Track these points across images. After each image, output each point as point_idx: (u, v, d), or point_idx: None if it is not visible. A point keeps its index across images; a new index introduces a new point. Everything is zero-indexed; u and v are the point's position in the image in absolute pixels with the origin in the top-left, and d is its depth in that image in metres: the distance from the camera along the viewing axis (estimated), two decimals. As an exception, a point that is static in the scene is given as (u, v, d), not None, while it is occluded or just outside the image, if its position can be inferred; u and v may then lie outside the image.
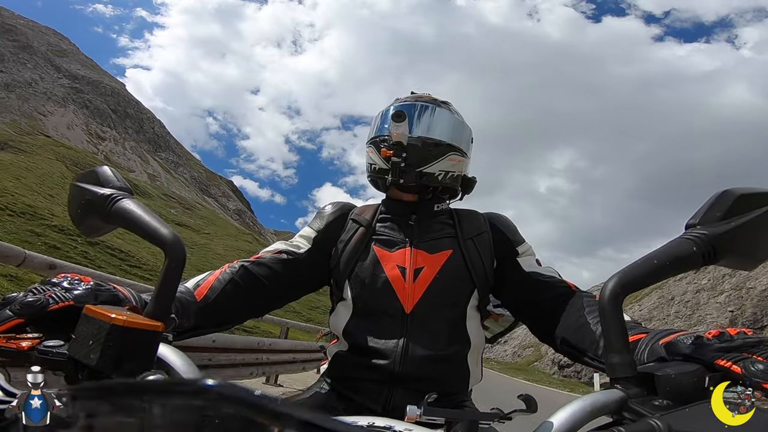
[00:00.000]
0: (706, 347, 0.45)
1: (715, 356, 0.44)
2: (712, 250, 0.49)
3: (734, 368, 0.42)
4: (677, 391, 0.43)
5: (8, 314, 0.46)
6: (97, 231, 0.60)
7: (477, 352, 0.88)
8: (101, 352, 0.41)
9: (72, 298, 0.49)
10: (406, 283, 0.84)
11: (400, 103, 0.94)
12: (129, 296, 0.56)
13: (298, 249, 0.90)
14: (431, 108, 0.91)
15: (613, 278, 0.49)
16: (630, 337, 0.57)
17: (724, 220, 0.50)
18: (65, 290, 0.50)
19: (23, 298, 0.48)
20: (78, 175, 0.59)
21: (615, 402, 0.44)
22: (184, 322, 0.69)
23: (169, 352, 0.48)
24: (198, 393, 0.19)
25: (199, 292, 0.76)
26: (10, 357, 0.46)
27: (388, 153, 0.85)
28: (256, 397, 0.18)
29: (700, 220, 0.51)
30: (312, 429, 0.18)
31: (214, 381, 0.19)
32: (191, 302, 0.73)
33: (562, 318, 0.76)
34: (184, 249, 0.50)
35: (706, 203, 0.52)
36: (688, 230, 0.51)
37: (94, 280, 0.53)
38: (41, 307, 0.47)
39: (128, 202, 0.54)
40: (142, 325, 0.43)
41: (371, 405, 0.80)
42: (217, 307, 0.77)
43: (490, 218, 0.95)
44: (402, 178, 0.86)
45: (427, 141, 0.88)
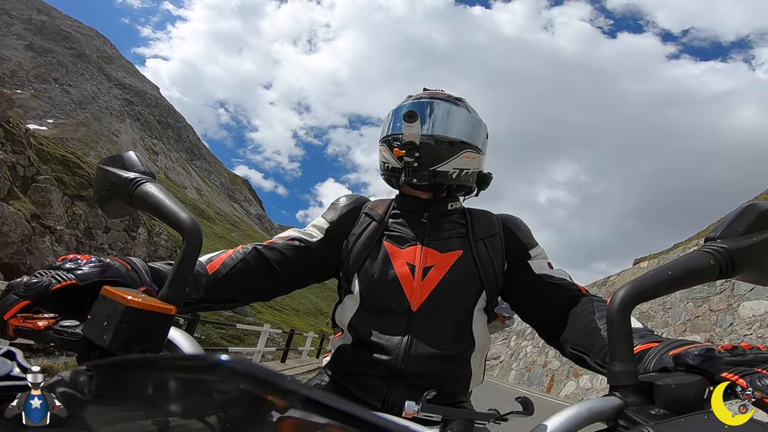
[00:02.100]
0: (714, 360, 0.45)
1: (723, 369, 0.43)
2: (730, 264, 0.48)
3: (740, 382, 0.41)
4: (676, 401, 0.43)
5: (14, 297, 0.48)
6: (120, 213, 0.61)
7: (481, 353, 0.87)
8: (114, 333, 0.43)
9: (75, 277, 0.50)
10: (414, 281, 0.84)
11: (412, 100, 0.94)
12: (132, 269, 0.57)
13: (311, 237, 0.90)
14: (444, 105, 0.91)
15: (624, 287, 0.48)
16: (641, 345, 0.57)
17: (745, 235, 0.49)
18: (67, 270, 0.51)
19: (28, 280, 0.49)
20: (104, 158, 0.61)
21: (612, 409, 0.45)
22: (193, 293, 0.71)
23: (178, 336, 0.50)
24: (211, 368, 0.20)
25: (211, 266, 0.77)
26: (26, 336, 0.48)
27: (400, 153, 0.85)
28: (268, 373, 0.19)
29: (721, 234, 0.50)
30: (320, 408, 0.19)
31: (227, 357, 0.20)
32: (202, 274, 0.74)
33: (572, 322, 0.75)
34: (202, 234, 0.52)
35: (729, 217, 0.51)
36: (707, 243, 0.50)
37: (94, 256, 0.55)
38: (44, 287, 0.48)
39: (151, 186, 0.56)
40: (156, 307, 0.45)
41: (371, 400, 0.80)
42: (227, 283, 0.78)
43: (503, 220, 0.94)
44: (415, 177, 0.86)
45: (440, 139, 0.87)
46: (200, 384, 0.21)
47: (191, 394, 0.21)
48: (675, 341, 0.55)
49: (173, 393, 0.22)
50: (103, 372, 0.29)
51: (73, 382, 0.33)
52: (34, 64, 65.61)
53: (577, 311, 0.76)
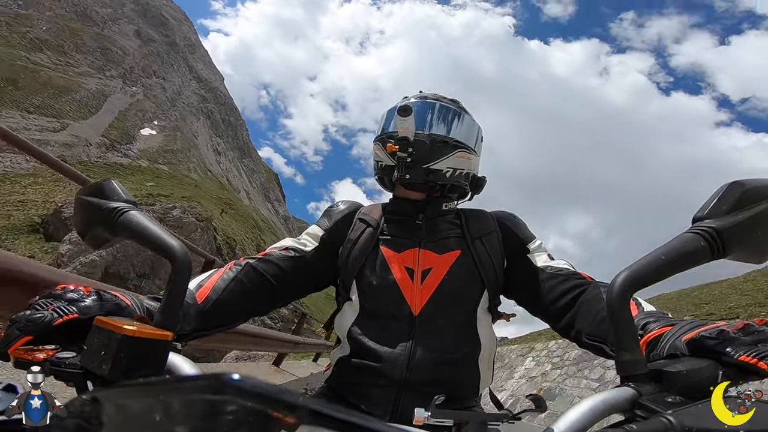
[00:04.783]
0: (727, 342, 0.44)
1: (737, 352, 0.42)
2: (720, 244, 0.47)
3: (761, 365, 0.40)
4: (690, 387, 0.42)
5: (16, 333, 0.47)
6: (103, 243, 0.60)
7: (488, 354, 0.86)
8: (113, 363, 0.42)
9: (77, 310, 0.49)
10: (413, 285, 0.83)
11: (407, 100, 0.93)
12: (131, 304, 0.56)
13: (305, 247, 0.89)
14: (439, 105, 0.91)
15: (620, 275, 0.47)
16: (656, 330, 0.57)
17: (731, 213, 0.48)
18: (69, 302, 0.50)
19: (30, 314, 0.48)
20: (82, 188, 0.60)
21: (626, 400, 0.44)
22: (184, 326, 0.68)
23: (178, 360, 0.49)
24: (216, 387, 0.19)
25: (201, 293, 0.74)
26: (26, 368, 0.47)
27: (393, 148, 0.84)
28: (276, 390, 0.18)
29: (707, 213, 0.49)
30: (330, 422, 0.18)
31: (234, 375, 0.19)
32: (191, 305, 0.71)
33: (583, 311, 0.74)
34: (190, 260, 0.51)
35: (713, 196, 0.50)
36: (695, 224, 0.49)
37: (94, 289, 0.54)
38: (47, 322, 0.47)
39: (135, 213, 0.55)
40: (152, 335, 0.44)
41: (378, 412, 0.78)
42: (219, 309, 0.75)
43: (499, 217, 0.93)
44: (408, 174, 0.85)
45: (434, 137, 0.87)
46: (205, 405, 0.20)
47: (196, 416, 0.20)
48: (689, 323, 0.54)
49: (177, 416, 0.21)
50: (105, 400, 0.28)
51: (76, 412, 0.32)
52: (141, 54, 62.06)
53: (587, 299, 0.74)
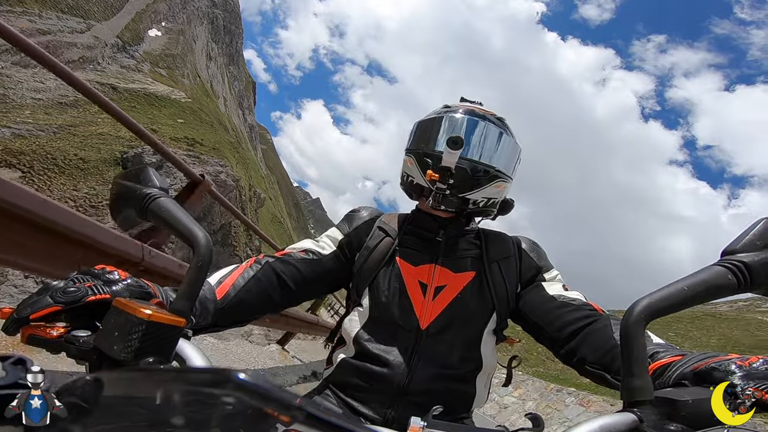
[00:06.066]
0: (738, 375, 0.44)
1: (747, 384, 0.42)
2: (749, 279, 0.47)
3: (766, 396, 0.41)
4: (694, 416, 0.42)
5: (49, 301, 0.48)
6: (133, 225, 0.63)
7: (487, 374, 0.87)
8: (125, 344, 0.43)
9: (110, 291, 0.51)
10: (425, 300, 0.83)
11: (452, 112, 0.89)
12: (157, 292, 0.59)
13: (323, 250, 0.90)
14: (489, 128, 0.86)
15: (639, 303, 0.47)
16: (667, 359, 0.57)
17: (765, 249, 0.48)
18: (104, 283, 0.52)
19: (65, 286, 0.49)
20: (120, 172, 0.64)
21: (627, 426, 0.43)
22: (201, 320, 0.70)
23: (187, 347, 0.50)
24: (217, 382, 0.20)
25: (220, 289, 0.76)
26: (39, 345, 0.49)
27: (434, 176, 0.81)
28: (273, 389, 0.19)
29: (740, 247, 0.49)
30: (324, 425, 0.19)
31: (233, 371, 0.20)
32: (210, 300, 0.73)
33: (589, 340, 0.74)
34: (212, 250, 0.53)
35: (748, 229, 0.50)
36: (725, 257, 0.49)
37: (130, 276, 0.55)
38: (80, 297, 0.49)
39: (165, 200, 0.58)
40: (166, 319, 0.45)
41: (372, 415, 0.80)
42: (236, 307, 0.77)
43: (519, 242, 0.92)
44: (443, 204, 0.83)
45: (476, 166, 0.83)
46: (205, 397, 0.21)
47: (196, 408, 0.21)
48: (700, 354, 0.54)
49: (178, 405, 0.22)
50: (110, 381, 0.29)
51: (81, 390, 0.33)
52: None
53: (595, 329, 0.74)
